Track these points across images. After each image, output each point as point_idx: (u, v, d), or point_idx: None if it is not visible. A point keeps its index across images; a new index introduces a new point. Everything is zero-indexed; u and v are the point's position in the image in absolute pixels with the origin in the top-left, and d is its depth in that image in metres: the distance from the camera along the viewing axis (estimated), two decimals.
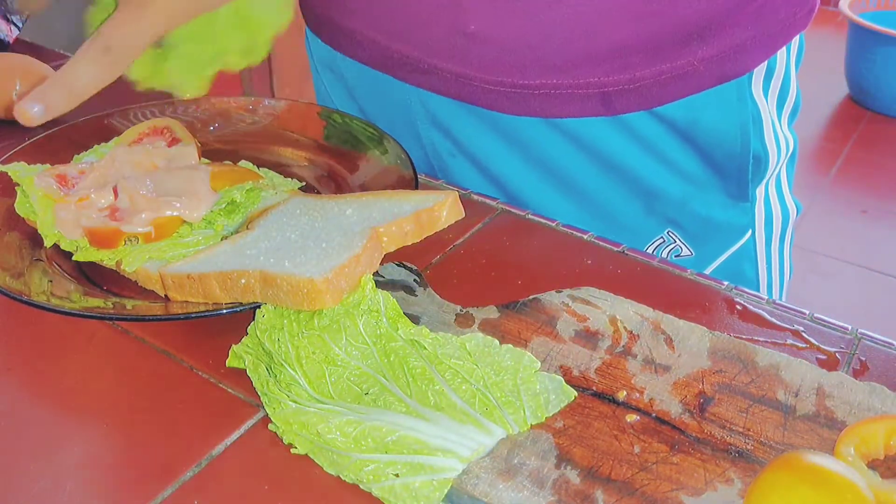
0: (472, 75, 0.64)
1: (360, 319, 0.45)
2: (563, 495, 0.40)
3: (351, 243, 0.47)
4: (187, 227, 0.54)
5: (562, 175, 0.69)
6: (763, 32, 0.62)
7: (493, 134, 0.68)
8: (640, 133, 0.65)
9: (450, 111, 0.69)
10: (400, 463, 0.40)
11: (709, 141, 0.66)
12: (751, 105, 0.66)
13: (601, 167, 0.67)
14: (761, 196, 0.71)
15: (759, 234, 0.72)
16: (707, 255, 0.71)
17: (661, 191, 0.68)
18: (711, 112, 0.65)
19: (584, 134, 0.66)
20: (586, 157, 0.67)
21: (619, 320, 0.51)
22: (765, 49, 0.64)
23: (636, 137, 0.66)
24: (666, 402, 0.45)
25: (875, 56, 2.73)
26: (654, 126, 0.65)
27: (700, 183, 0.68)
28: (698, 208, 0.69)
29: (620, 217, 0.67)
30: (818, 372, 0.47)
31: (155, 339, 0.51)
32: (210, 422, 0.45)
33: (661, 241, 0.70)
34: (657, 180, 0.68)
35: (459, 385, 0.44)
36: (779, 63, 0.67)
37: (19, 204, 0.55)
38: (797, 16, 0.64)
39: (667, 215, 0.70)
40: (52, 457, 0.43)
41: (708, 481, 0.41)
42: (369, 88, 0.74)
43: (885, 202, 2.37)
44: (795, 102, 0.71)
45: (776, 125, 0.69)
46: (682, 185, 0.68)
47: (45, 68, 0.78)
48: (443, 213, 0.51)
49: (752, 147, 0.67)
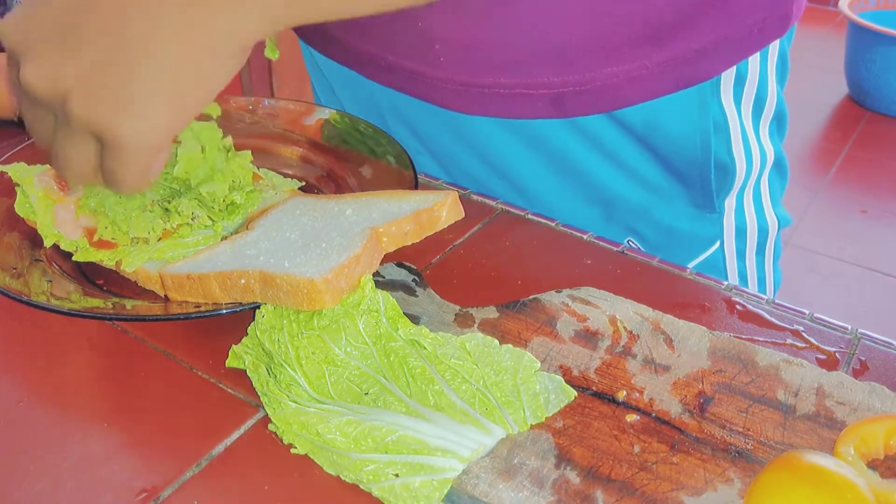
0: (429, 74, 0.63)
1: (359, 319, 0.45)
2: (563, 495, 0.40)
3: (351, 244, 0.47)
4: (187, 227, 0.54)
5: (519, 179, 0.68)
6: (726, 38, 0.60)
7: (453, 134, 0.68)
8: (598, 138, 0.64)
9: (414, 109, 0.68)
10: (400, 463, 0.40)
11: (668, 147, 0.65)
12: (715, 111, 0.64)
13: (559, 172, 0.67)
14: (731, 207, 0.69)
15: (728, 246, 0.71)
16: None
17: (620, 198, 0.67)
18: (670, 117, 0.63)
19: (541, 136, 0.65)
20: (544, 162, 0.66)
21: (618, 320, 0.51)
22: (730, 55, 0.61)
23: (593, 142, 0.65)
24: (666, 402, 0.45)
25: (874, 56, 2.73)
26: (611, 130, 0.64)
27: (661, 191, 0.67)
28: (660, 217, 0.68)
29: (580, 223, 0.65)
30: (818, 372, 0.47)
31: (155, 339, 0.51)
32: (210, 422, 0.45)
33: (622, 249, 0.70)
34: (616, 187, 0.66)
35: (459, 385, 0.44)
36: (751, 70, 0.64)
37: (19, 204, 0.55)
38: (767, 22, 0.61)
39: (627, 223, 0.68)
40: (52, 457, 0.43)
41: (708, 481, 0.41)
42: (344, 84, 0.74)
43: (885, 202, 2.37)
44: (778, 112, 0.69)
45: (748, 134, 0.67)
46: (643, 192, 0.67)
47: None
48: (443, 213, 0.51)
49: (716, 155, 0.65)
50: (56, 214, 0.54)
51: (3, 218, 0.56)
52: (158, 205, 0.53)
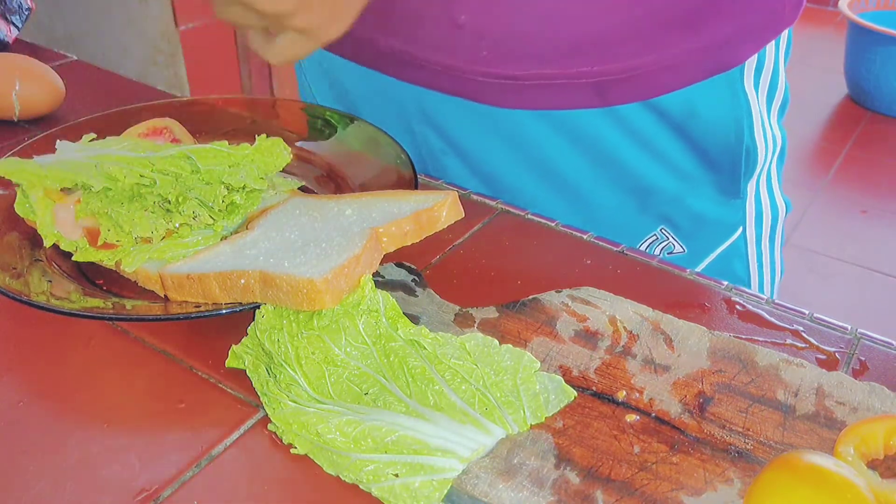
0: (463, 68, 0.64)
1: (359, 320, 0.45)
2: (563, 495, 0.40)
3: (350, 244, 0.47)
4: (186, 227, 0.54)
5: (555, 172, 0.68)
6: (751, 24, 0.63)
7: (485, 129, 0.68)
8: (635, 126, 0.65)
9: (443, 107, 0.68)
10: (400, 463, 0.40)
11: (704, 135, 0.66)
12: (742, 98, 0.66)
13: (596, 163, 0.67)
14: (752, 192, 0.71)
15: (749, 232, 0.72)
16: (698, 252, 0.71)
17: (655, 187, 0.68)
18: (706, 104, 0.65)
19: (579, 127, 0.66)
20: (581, 153, 0.67)
21: (618, 320, 0.51)
22: (754, 42, 0.64)
23: (631, 131, 0.65)
24: (666, 402, 0.45)
25: (874, 56, 2.73)
26: (649, 119, 0.65)
27: (693, 178, 0.68)
28: (692, 204, 0.69)
29: (614, 214, 0.67)
30: (818, 372, 0.47)
31: (155, 339, 0.51)
32: (210, 422, 0.45)
33: (654, 238, 0.70)
34: (652, 176, 0.68)
35: (459, 385, 0.44)
36: (768, 57, 0.67)
37: (19, 204, 0.55)
38: (785, 10, 0.64)
39: (661, 212, 0.69)
40: (52, 457, 0.43)
41: (708, 481, 0.41)
42: (363, 88, 0.74)
43: (885, 202, 2.37)
44: (784, 98, 0.71)
45: (765, 120, 0.69)
46: (677, 180, 0.68)
47: (44, 68, 0.78)
48: (442, 213, 0.51)
49: (745, 141, 0.67)
50: (56, 214, 0.54)
51: (3, 218, 0.56)
52: (159, 205, 0.53)
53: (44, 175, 0.55)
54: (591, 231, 0.61)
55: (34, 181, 0.55)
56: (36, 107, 0.76)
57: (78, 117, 0.64)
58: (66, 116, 0.78)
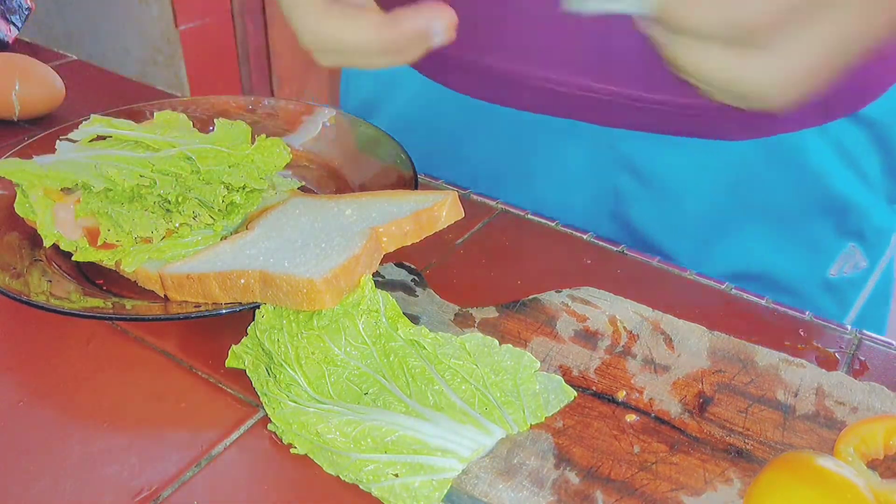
0: (684, 103, 0.58)
1: (359, 319, 0.45)
2: (563, 495, 0.40)
3: (350, 243, 0.47)
4: (186, 227, 0.54)
5: (767, 206, 0.65)
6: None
7: (696, 167, 0.63)
8: (839, 139, 0.62)
9: (648, 149, 0.63)
10: (399, 463, 0.40)
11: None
12: None
13: (803, 187, 0.64)
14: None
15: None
16: (873, 266, 0.69)
17: (852, 203, 0.65)
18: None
19: (797, 151, 0.62)
20: (790, 178, 0.63)
21: (618, 320, 0.51)
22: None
23: (836, 145, 0.62)
24: (665, 402, 0.45)
25: None
26: (852, 131, 0.62)
27: (878, 189, 0.66)
28: (875, 217, 0.66)
29: (812, 239, 0.63)
30: (818, 372, 0.47)
31: (155, 339, 0.51)
32: (210, 422, 0.45)
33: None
34: (850, 192, 0.64)
35: (459, 385, 0.44)
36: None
37: (19, 204, 0.55)
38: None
39: (853, 229, 0.66)
40: (52, 457, 0.43)
41: (708, 481, 0.41)
42: (472, 125, 0.67)
43: None
44: None
45: None
46: (868, 193, 0.65)
47: (44, 68, 0.78)
48: (442, 213, 0.51)
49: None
50: (56, 214, 0.54)
51: (3, 218, 0.56)
52: (159, 205, 0.53)
53: (44, 175, 0.55)
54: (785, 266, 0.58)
55: (34, 181, 0.55)
56: (36, 107, 0.76)
57: (78, 117, 0.64)
58: (66, 116, 0.78)
